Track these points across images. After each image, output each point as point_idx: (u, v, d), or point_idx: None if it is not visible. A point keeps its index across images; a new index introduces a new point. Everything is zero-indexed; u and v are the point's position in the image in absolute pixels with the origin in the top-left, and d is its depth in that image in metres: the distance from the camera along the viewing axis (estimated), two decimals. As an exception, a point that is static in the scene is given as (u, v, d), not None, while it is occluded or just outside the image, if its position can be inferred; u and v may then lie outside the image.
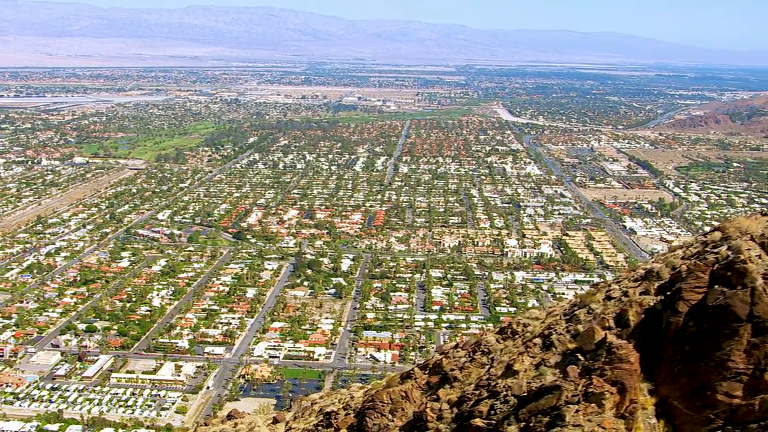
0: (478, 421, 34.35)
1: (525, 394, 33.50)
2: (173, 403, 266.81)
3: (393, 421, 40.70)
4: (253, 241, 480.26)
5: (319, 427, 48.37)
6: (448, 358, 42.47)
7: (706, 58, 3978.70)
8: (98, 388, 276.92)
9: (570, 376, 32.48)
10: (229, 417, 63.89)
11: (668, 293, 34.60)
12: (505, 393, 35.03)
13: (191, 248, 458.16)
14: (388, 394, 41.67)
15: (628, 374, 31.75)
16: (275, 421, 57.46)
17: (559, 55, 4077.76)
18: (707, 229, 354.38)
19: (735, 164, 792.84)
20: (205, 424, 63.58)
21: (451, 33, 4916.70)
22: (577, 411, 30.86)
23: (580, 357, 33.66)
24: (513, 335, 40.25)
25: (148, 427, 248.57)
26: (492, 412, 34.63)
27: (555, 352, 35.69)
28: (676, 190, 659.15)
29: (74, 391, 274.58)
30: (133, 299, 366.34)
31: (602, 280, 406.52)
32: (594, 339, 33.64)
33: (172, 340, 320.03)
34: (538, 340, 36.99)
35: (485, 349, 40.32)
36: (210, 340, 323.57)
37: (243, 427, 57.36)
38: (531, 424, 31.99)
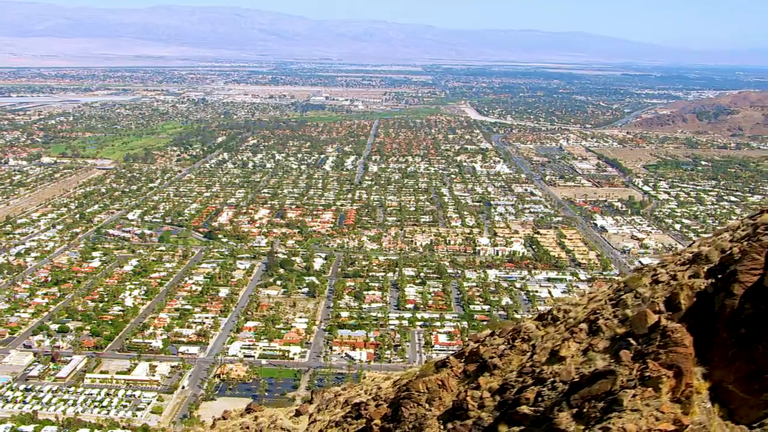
0: (524, 409, 33.68)
1: (576, 379, 32.81)
2: (148, 403, 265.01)
3: (430, 410, 39.98)
4: (224, 240, 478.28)
5: (348, 419, 47.61)
6: (485, 346, 41.75)
7: (672, 58, 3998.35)
8: (72, 388, 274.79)
9: (623, 361, 31.83)
10: (248, 410, 62.98)
11: (720, 276, 34.00)
12: (552, 379, 34.37)
13: (162, 248, 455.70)
14: (423, 383, 40.93)
15: (683, 358, 31.10)
16: (298, 413, 56.61)
17: (526, 55, 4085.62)
18: (678, 226, 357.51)
19: (703, 162, 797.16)
20: (223, 418, 62.52)
21: (418, 33, 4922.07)
22: (634, 396, 30.19)
23: (631, 341, 32.98)
24: (554, 321, 39.59)
25: (124, 428, 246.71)
26: (539, 398, 33.97)
27: (603, 338, 35.04)
28: (646, 188, 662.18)
29: (48, 391, 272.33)
30: (106, 299, 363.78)
31: (573, 276, 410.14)
32: (646, 323, 32.98)
33: (146, 340, 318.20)
34: (583, 326, 36.33)
35: (525, 336, 39.63)
36: (184, 339, 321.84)
37: (264, 420, 56.38)
38: (584, 410, 31.29)
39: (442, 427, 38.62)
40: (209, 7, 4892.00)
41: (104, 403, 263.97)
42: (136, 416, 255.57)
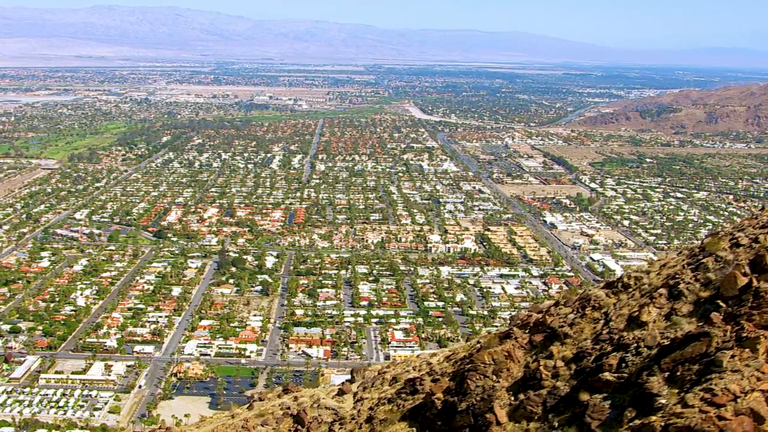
0: (607, 375, 32.92)
1: (666, 343, 32.13)
2: (106, 403, 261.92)
3: (498, 381, 39.16)
4: (174, 239, 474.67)
5: (402, 395, 46.62)
6: (551, 316, 41.00)
7: (611, 58, 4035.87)
8: (27, 389, 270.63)
9: (715, 323, 31.21)
10: (285, 391, 61.63)
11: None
12: (635, 345, 33.67)
13: (112, 247, 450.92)
14: (489, 355, 40.03)
15: (778, 318, 30.54)
16: (341, 392, 55.47)
17: (467, 55, 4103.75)
18: (626, 222, 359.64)
19: (648, 160, 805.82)
20: (260, 399, 61.12)
21: (359, 33, 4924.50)
22: (733, 356, 29.56)
23: (721, 304, 32.39)
24: (625, 289, 38.88)
25: (82, 428, 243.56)
26: (622, 364, 33.27)
27: (685, 302, 34.36)
28: (593, 185, 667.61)
29: (2, 392, 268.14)
30: (57, 299, 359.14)
31: (526, 272, 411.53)
32: (737, 285, 32.39)
33: (100, 340, 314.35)
34: (662, 291, 35.62)
35: (595, 305, 38.92)
36: (138, 338, 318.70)
37: (306, 400, 55.18)
38: (677, 373, 30.61)
39: (512, 398, 37.84)
40: (149, 7, 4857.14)
41: (61, 404, 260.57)
42: (94, 416, 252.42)
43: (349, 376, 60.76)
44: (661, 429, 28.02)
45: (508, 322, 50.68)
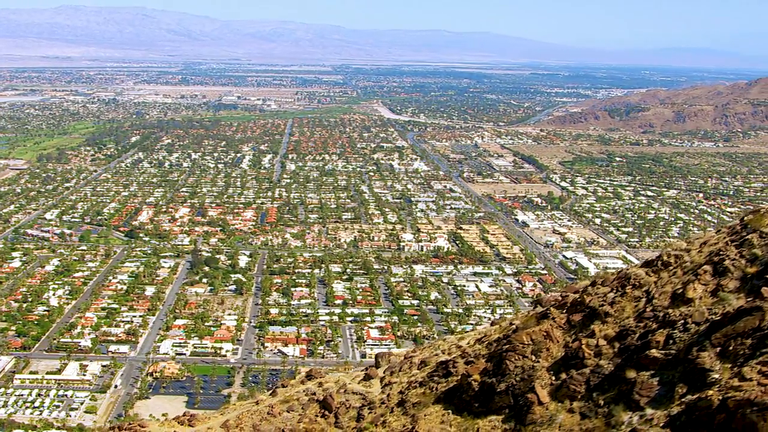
0: (654, 352, 32.76)
1: (717, 318, 31.98)
2: (81, 403, 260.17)
3: (538, 361, 38.92)
4: (146, 239, 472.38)
5: (434, 377, 46.31)
6: (590, 296, 40.80)
7: (578, 58, 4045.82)
8: (2, 390, 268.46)
9: (767, 297, 31.06)
10: (309, 377, 61.11)
11: None
12: (683, 321, 33.51)
13: (84, 247, 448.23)
14: (527, 335, 39.79)
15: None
16: (367, 377, 55.05)
17: (434, 55, 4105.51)
18: (598, 220, 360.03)
19: (617, 158, 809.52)
20: (283, 386, 60.62)
21: (326, 33, 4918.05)
22: (787, 329, 29.44)
23: (769, 278, 32.27)
24: (665, 267, 38.72)
25: (59, 428, 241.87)
26: (670, 341, 33.09)
27: (732, 278, 34.28)
28: (563, 184, 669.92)
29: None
30: (29, 299, 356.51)
31: (499, 270, 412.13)
32: (786, 259, 32.35)
33: (75, 340, 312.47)
34: (707, 268, 35.52)
35: (636, 283, 38.75)
36: (113, 338, 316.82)
37: (331, 386, 54.76)
38: (730, 348, 30.46)
39: (553, 377, 37.61)
40: (115, 8, 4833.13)
41: (36, 404, 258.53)
42: (71, 416, 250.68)
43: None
44: (718, 403, 27.84)
45: (535, 304, 50.59)
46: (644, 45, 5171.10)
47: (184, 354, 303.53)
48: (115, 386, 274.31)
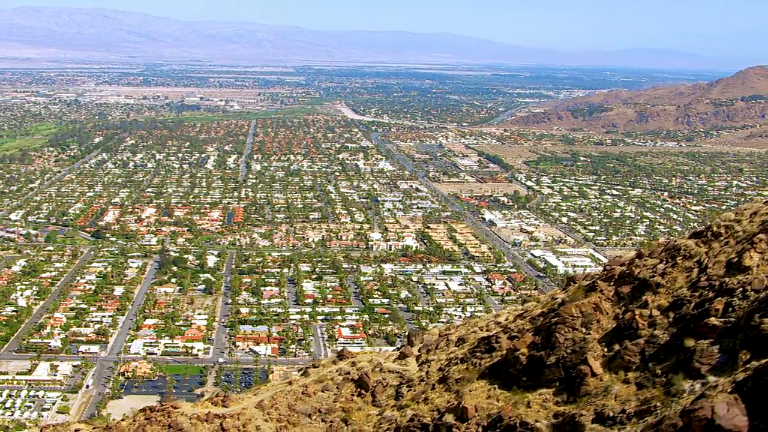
0: (713, 320, 32.63)
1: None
2: (53, 403, 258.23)
3: (589, 333, 38.68)
4: (113, 239, 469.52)
5: (476, 353, 45.98)
6: (638, 267, 40.61)
7: (539, 59, 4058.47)
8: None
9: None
10: (340, 357, 60.54)
11: None
12: (741, 289, 33.42)
13: (50, 248, 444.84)
14: (576, 308, 39.59)
15: None
16: (402, 356, 54.61)
17: (396, 56, 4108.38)
18: (564, 219, 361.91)
19: (582, 158, 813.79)
20: (314, 366, 60.04)
21: (288, 34, 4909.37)
22: None
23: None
24: (716, 237, 38.60)
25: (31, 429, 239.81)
26: (729, 309, 32.98)
27: (789, 244, 34.33)
28: (529, 183, 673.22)
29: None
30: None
31: (468, 269, 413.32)
32: None
33: (44, 340, 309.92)
34: (762, 236, 35.41)
35: (686, 254, 38.61)
36: (83, 338, 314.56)
37: (365, 365, 54.32)
38: (794, 312, 30.40)
39: (605, 349, 37.39)
40: (75, 9, 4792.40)
41: (7, 405, 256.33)
42: (42, 416, 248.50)
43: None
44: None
45: (568, 281, 50.38)
46: (605, 46, 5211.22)
47: (156, 353, 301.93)
48: (87, 386, 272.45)
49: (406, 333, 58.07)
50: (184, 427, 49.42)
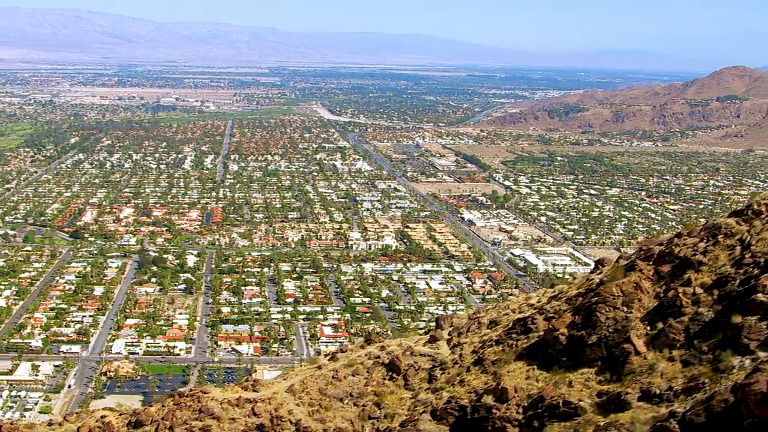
0: (760, 296, 32.56)
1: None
2: (36, 404, 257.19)
3: (631, 312, 38.57)
4: (91, 239, 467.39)
5: (512, 335, 45.80)
6: (678, 246, 40.52)
7: (514, 60, 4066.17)
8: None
9: None
10: (368, 341, 60.27)
11: None
12: (790, 264, 33.52)
13: (29, 248, 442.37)
14: (617, 287, 39.51)
15: None
16: (433, 339, 54.37)
17: (371, 57, 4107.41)
18: (543, 218, 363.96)
19: (559, 158, 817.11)
20: (342, 351, 59.73)
21: (262, 35, 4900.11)
22: None
23: None
24: (757, 215, 38.53)
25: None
26: (777, 283, 33.00)
27: (838, 220, 34.40)
28: (507, 183, 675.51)
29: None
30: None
31: (448, 268, 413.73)
32: None
33: (25, 340, 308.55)
34: (809, 212, 35.54)
35: (727, 232, 38.55)
36: (64, 338, 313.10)
37: (395, 349, 54.07)
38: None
39: (648, 327, 37.29)
40: (49, 10, 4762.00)
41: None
42: (25, 416, 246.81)
43: (279, 372, 59.77)
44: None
45: (596, 264, 50.30)
46: (579, 47, 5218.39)
47: (138, 353, 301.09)
48: (69, 386, 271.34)
49: (435, 317, 57.06)
50: (216, 412, 49.11)
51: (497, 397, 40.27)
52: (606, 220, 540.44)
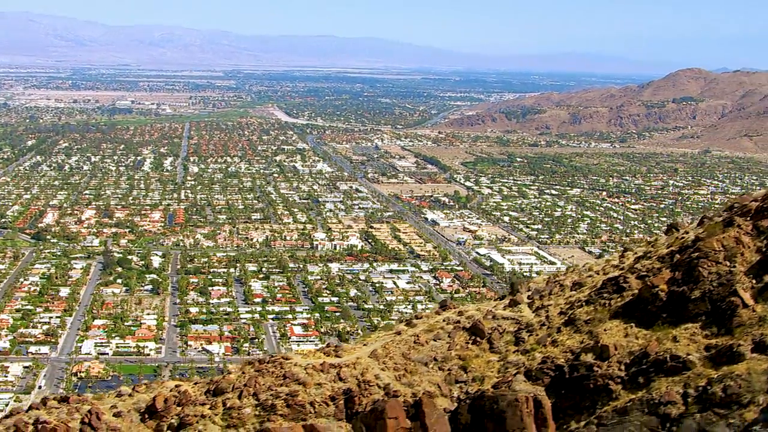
0: None
1: None
2: (6, 405, 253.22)
3: (734, 266, 38.31)
4: (54, 241, 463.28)
5: (604, 294, 45.41)
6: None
7: (467, 63, 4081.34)
8: None
9: None
10: (443, 307, 59.57)
11: None
12: None
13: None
14: (718, 242, 39.29)
15: None
16: (514, 303, 53.84)
17: (324, 60, 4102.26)
18: (506, 218, 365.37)
19: (518, 159, 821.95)
20: (417, 318, 58.98)
21: (215, 39, 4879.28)
22: None
23: None
24: None
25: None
26: None
27: None
28: (468, 183, 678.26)
29: None
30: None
31: (415, 267, 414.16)
32: None
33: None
34: None
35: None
36: (32, 339, 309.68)
37: (474, 313, 53.50)
38: None
39: (753, 281, 37.06)
40: (1, 12, 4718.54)
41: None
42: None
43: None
44: None
45: (669, 228, 50.01)
46: (532, 50, 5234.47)
47: (107, 354, 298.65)
48: (40, 387, 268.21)
49: (510, 282, 56.47)
50: (301, 377, 48.33)
51: (597, 355, 39.98)
52: (569, 220, 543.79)
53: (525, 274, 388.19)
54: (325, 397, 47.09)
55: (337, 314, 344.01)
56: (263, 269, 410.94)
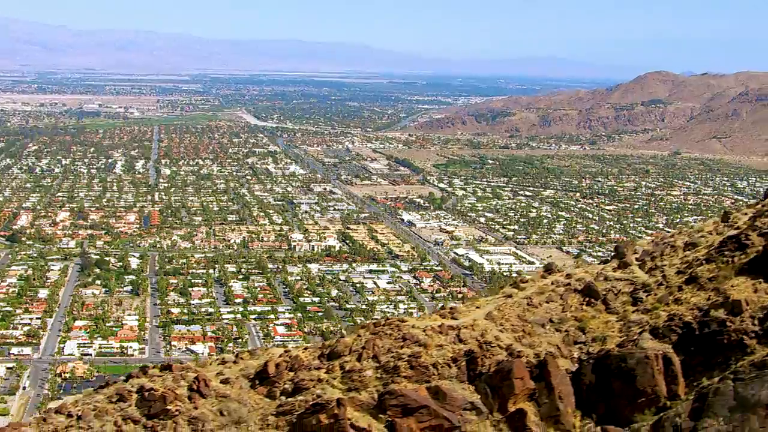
0: None
1: None
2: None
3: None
4: (29, 243, 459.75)
5: (725, 252, 44.98)
6: None
7: (433, 67, 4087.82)
8: None
9: None
10: (548, 271, 58.79)
11: None
12: None
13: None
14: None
15: None
16: (624, 264, 53.24)
17: (291, 64, 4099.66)
18: (482, 219, 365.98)
19: (490, 161, 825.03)
20: (523, 281, 58.36)
21: (182, 43, 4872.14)
22: None
23: None
24: None
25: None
26: None
27: None
28: (441, 185, 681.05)
29: None
30: None
31: (395, 268, 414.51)
32: None
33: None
34: None
35: None
36: (13, 341, 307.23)
37: (583, 276, 52.74)
38: None
39: None
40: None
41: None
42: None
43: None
44: None
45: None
46: (498, 54, 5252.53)
47: (91, 354, 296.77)
48: (24, 388, 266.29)
49: (615, 245, 56.38)
50: (421, 339, 47.59)
51: (729, 310, 39.50)
52: (545, 221, 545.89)
53: (505, 273, 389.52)
54: (447, 359, 46.44)
55: (320, 314, 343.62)
56: (242, 270, 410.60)
